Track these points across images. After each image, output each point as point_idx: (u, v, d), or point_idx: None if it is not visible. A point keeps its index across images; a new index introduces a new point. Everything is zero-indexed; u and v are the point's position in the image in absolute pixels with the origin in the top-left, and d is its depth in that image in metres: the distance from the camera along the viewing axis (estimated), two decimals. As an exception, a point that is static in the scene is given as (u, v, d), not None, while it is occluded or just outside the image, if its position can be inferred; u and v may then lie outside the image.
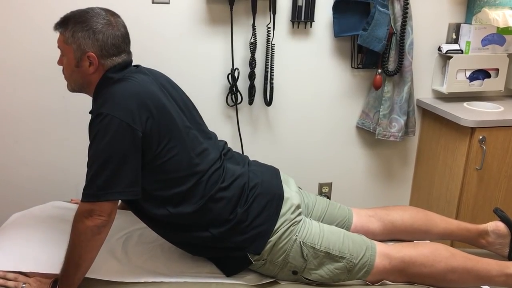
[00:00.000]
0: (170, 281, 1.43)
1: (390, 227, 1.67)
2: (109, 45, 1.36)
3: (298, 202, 1.51)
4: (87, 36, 1.33)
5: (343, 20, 2.12)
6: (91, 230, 1.26)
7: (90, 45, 1.34)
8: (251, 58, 2.10)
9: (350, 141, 2.40)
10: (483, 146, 2.09)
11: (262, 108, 2.24)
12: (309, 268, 1.44)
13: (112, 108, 1.27)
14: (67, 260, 1.30)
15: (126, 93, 1.32)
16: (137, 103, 1.30)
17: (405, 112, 2.25)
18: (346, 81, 2.29)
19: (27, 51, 1.94)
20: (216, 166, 1.45)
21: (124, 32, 1.41)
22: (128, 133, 1.27)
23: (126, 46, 1.43)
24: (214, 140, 1.56)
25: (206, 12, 2.05)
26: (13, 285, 1.34)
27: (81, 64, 1.37)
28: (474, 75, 2.33)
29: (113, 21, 1.38)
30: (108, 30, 1.36)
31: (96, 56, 1.35)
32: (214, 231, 1.41)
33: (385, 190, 2.53)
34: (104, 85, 1.37)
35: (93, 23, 1.34)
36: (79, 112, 2.05)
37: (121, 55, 1.40)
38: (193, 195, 1.39)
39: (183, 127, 1.41)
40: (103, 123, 1.26)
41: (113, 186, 1.26)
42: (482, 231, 1.69)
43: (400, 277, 1.47)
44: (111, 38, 1.36)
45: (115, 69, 1.38)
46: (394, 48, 2.17)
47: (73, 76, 1.42)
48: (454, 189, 2.21)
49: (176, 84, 1.58)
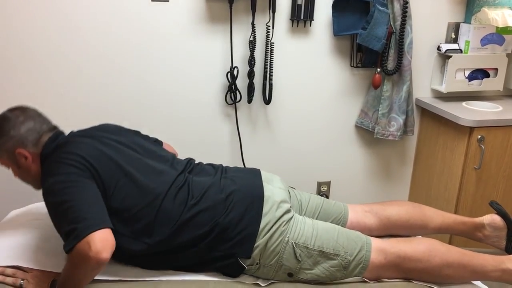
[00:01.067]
0: (169, 279, 1.42)
1: (386, 223, 1.67)
2: (28, 136, 1.43)
3: (281, 198, 1.50)
4: (6, 140, 1.41)
5: (342, 19, 2.12)
6: (91, 268, 1.24)
7: (13, 144, 1.42)
8: (250, 57, 2.10)
9: (349, 140, 2.40)
10: (481, 146, 2.09)
11: (261, 106, 2.24)
12: (304, 268, 1.44)
13: (52, 176, 1.33)
14: (65, 278, 1.28)
15: (62, 159, 1.35)
16: (74, 165, 1.34)
17: (404, 111, 2.25)
18: (345, 80, 2.29)
19: (26, 48, 1.94)
20: (177, 184, 1.45)
21: (37, 118, 1.47)
22: (74, 183, 1.31)
23: (45, 125, 1.48)
24: (172, 161, 1.56)
25: (206, 10, 2.05)
26: (11, 281, 1.33)
27: (20, 163, 1.44)
28: (473, 74, 2.33)
29: (20, 116, 1.44)
30: (20, 126, 1.42)
31: (23, 149, 1.42)
32: (201, 245, 1.41)
33: (383, 189, 2.53)
34: (44, 164, 1.43)
35: (5, 129, 1.42)
36: (78, 109, 2.05)
37: (44, 136, 1.45)
38: (163, 221, 1.39)
39: (130, 162, 1.43)
40: (50, 191, 1.32)
41: (87, 223, 1.24)
42: (479, 225, 1.69)
43: (396, 273, 1.47)
44: (25, 130, 1.43)
45: (46, 149, 1.44)
46: (393, 47, 2.17)
47: (24, 177, 1.49)
48: (453, 188, 2.21)
49: (122, 128, 1.62)
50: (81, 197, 1.28)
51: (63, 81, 2.01)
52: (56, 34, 1.95)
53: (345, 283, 1.46)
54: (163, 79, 2.10)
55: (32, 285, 1.33)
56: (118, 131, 1.58)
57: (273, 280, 1.47)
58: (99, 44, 2.00)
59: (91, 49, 2.00)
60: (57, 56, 1.98)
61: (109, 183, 1.36)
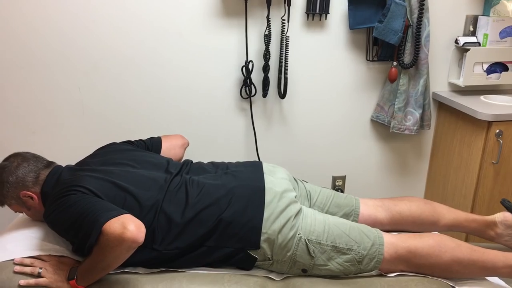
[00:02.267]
0: (184, 272, 1.44)
1: (397, 218, 1.66)
2: (26, 177, 1.48)
3: (283, 189, 1.51)
4: (8, 188, 1.48)
5: (358, 12, 2.10)
6: (126, 250, 1.25)
7: (16, 189, 1.48)
8: (265, 51, 2.09)
9: (365, 134, 2.39)
10: (500, 140, 2.07)
11: (276, 100, 2.24)
12: (318, 264, 1.44)
13: (53, 203, 1.38)
14: (93, 262, 1.30)
15: (64, 193, 1.38)
16: (71, 189, 1.38)
17: (420, 105, 2.23)
18: (361, 74, 2.28)
19: (43, 44, 1.96)
20: (174, 187, 1.47)
21: (32, 160, 1.53)
22: (79, 199, 1.34)
23: (41, 164, 1.53)
24: (168, 165, 1.59)
25: (221, 5, 2.05)
26: (30, 270, 1.36)
27: (28, 205, 1.51)
28: (491, 68, 2.30)
29: (15, 162, 1.50)
30: (17, 171, 1.48)
31: (26, 190, 1.48)
32: (209, 243, 1.42)
33: (399, 184, 2.51)
34: (46, 201, 1.47)
35: (3, 178, 1.48)
36: (94, 103, 2.08)
37: (41, 174, 1.50)
38: (166, 223, 1.41)
39: (125, 178, 1.46)
40: (56, 217, 1.36)
41: (110, 213, 1.28)
42: (490, 222, 1.67)
43: (407, 268, 1.47)
44: (22, 173, 1.48)
45: (46, 184, 1.49)
46: (410, 40, 2.15)
47: (36, 216, 1.55)
48: (470, 184, 2.19)
49: (114, 146, 1.69)
50: (90, 202, 1.32)
51: (79, 77, 2.03)
52: (72, 31, 1.97)
53: (361, 277, 1.46)
54: (178, 74, 2.11)
55: (51, 272, 1.35)
56: (109, 152, 1.63)
57: (287, 274, 1.47)
58: (114, 40, 2.01)
59: (106, 46, 2.01)
60: (73, 53, 2.00)
61: (112, 201, 1.39)
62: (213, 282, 1.39)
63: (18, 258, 1.39)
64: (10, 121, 2.03)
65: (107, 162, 1.54)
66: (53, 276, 1.34)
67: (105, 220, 1.24)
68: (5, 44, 1.94)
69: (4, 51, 1.95)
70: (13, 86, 1.99)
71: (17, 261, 1.38)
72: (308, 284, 1.42)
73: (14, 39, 1.94)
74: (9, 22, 1.91)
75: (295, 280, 1.45)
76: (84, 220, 1.28)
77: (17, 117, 2.03)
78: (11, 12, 1.90)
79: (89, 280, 1.33)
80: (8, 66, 1.97)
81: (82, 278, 1.32)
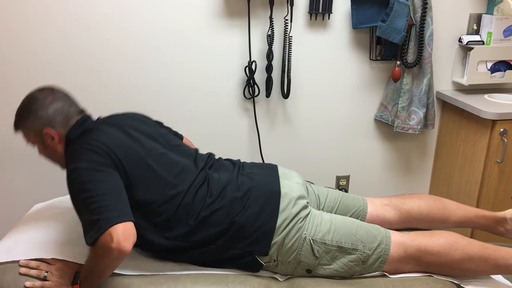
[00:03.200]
0: (188, 273, 1.44)
1: (406, 216, 1.65)
2: (56, 116, 1.45)
3: (298, 194, 1.50)
4: (34, 119, 1.44)
5: (361, 11, 2.10)
6: (115, 258, 1.25)
7: (40, 124, 1.44)
8: (269, 51, 2.09)
9: (368, 133, 2.38)
10: (504, 139, 2.06)
11: (280, 100, 2.24)
12: (322, 264, 1.44)
13: (77, 161, 1.33)
14: (88, 270, 1.30)
15: (88, 144, 1.36)
16: (98, 152, 1.35)
17: (424, 105, 2.22)
18: (364, 73, 2.27)
19: (46, 45, 1.97)
20: (198, 181, 1.46)
21: (66, 99, 1.49)
22: (99, 174, 1.31)
23: (74, 108, 1.50)
24: (195, 156, 1.57)
25: (224, 5, 2.05)
26: (36, 273, 1.35)
27: (46, 143, 1.46)
28: (495, 66, 2.29)
29: (49, 98, 1.46)
30: (50, 107, 1.44)
31: (50, 129, 1.44)
32: (218, 242, 1.42)
33: (403, 183, 2.51)
34: (68, 147, 1.44)
35: (33, 109, 1.44)
36: (99, 105, 2.08)
37: (72, 119, 1.47)
38: (183, 217, 1.40)
39: (155, 156, 1.44)
40: (73, 177, 1.32)
41: (109, 215, 1.26)
42: (500, 219, 1.66)
43: (416, 266, 1.45)
44: (53, 111, 1.45)
45: (73, 131, 1.45)
46: (413, 39, 2.14)
47: (51, 156, 1.51)
48: (474, 183, 2.18)
49: (148, 118, 1.64)
50: (104, 187, 1.29)
51: (84, 78, 2.04)
52: (76, 32, 1.97)
53: (365, 277, 1.46)
54: (181, 74, 2.11)
55: (56, 276, 1.35)
56: (143, 121, 1.59)
57: (291, 275, 1.47)
58: (117, 41, 2.02)
59: (110, 47, 2.02)
60: (76, 54, 2.00)
61: (132, 175, 1.37)
62: (217, 283, 1.39)
63: (23, 260, 1.39)
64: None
65: (139, 129, 1.50)
66: (59, 280, 1.34)
67: (103, 229, 1.22)
68: (8, 45, 1.95)
69: (7, 53, 1.95)
70: (17, 88, 2.00)
71: (23, 263, 1.38)
72: (313, 284, 1.41)
73: (17, 40, 1.94)
74: (11, 24, 1.92)
75: (299, 280, 1.44)
76: (87, 205, 1.27)
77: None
78: (14, 13, 1.91)
79: (90, 285, 1.32)
80: (11, 68, 1.97)
81: (84, 283, 1.32)
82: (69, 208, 1.69)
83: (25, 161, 2.10)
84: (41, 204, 1.77)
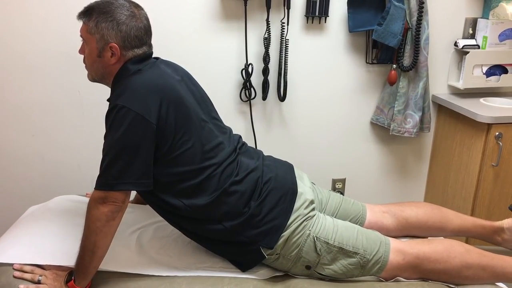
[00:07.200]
0: (184, 275, 1.44)
1: (404, 224, 1.65)
2: (132, 37, 1.36)
3: (312, 198, 1.51)
4: (111, 27, 1.34)
5: (358, 15, 2.11)
6: (105, 216, 1.28)
7: (113, 36, 1.34)
8: (265, 54, 2.10)
9: (364, 137, 2.39)
10: (499, 143, 2.07)
11: (276, 103, 2.24)
12: (323, 263, 1.44)
13: (128, 100, 1.28)
14: (82, 248, 1.31)
15: (144, 85, 1.32)
16: (154, 96, 1.31)
17: (420, 108, 2.23)
18: (360, 77, 2.28)
19: (43, 45, 1.96)
20: (230, 159, 1.45)
21: (146, 25, 1.42)
22: (143, 126, 1.28)
23: (148, 38, 1.43)
24: (229, 134, 1.56)
25: (220, 8, 2.05)
26: (30, 277, 1.36)
27: (103, 54, 1.37)
28: (491, 70, 2.30)
29: (136, 13, 1.38)
30: (132, 22, 1.36)
31: (118, 47, 1.35)
32: (227, 224, 1.41)
33: (399, 186, 2.51)
34: (123, 75, 1.38)
35: (117, 14, 1.34)
36: (95, 107, 2.07)
37: (142, 47, 1.40)
38: (207, 188, 1.40)
39: (199, 120, 1.42)
40: (119, 114, 1.27)
41: (127, 176, 1.28)
42: (498, 228, 1.67)
43: (415, 274, 1.46)
44: (134, 30, 1.36)
45: (135, 60, 1.39)
46: (409, 43, 2.15)
47: (94, 66, 1.42)
48: (470, 186, 2.19)
49: (194, 78, 1.59)
50: (131, 146, 1.27)
51: (79, 79, 2.03)
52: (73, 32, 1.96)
53: (361, 281, 1.46)
54: (178, 76, 2.11)
55: (50, 280, 1.35)
56: (191, 78, 1.56)
57: (288, 272, 1.47)
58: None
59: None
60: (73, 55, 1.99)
61: (176, 131, 1.34)
62: (213, 285, 1.39)
63: (17, 264, 1.38)
64: (10, 123, 2.03)
65: (190, 87, 1.48)
66: (53, 283, 1.34)
67: (106, 187, 1.27)
68: (5, 45, 1.94)
69: (4, 53, 1.95)
70: (13, 89, 1.99)
71: (17, 267, 1.38)
72: (308, 286, 1.42)
73: (14, 41, 1.94)
74: (9, 24, 1.91)
75: (295, 282, 1.45)
76: (109, 150, 1.28)
77: (17, 119, 2.03)
78: (11, 13, 1.90)
79: (85, 274, 1.32)
80: (8, 68, 1.97)
81: (78, 275, 1.32)
82: (64, 210, 1.69)
83: (21, 163, 2.09)
84: (36, 206, 1.76)
